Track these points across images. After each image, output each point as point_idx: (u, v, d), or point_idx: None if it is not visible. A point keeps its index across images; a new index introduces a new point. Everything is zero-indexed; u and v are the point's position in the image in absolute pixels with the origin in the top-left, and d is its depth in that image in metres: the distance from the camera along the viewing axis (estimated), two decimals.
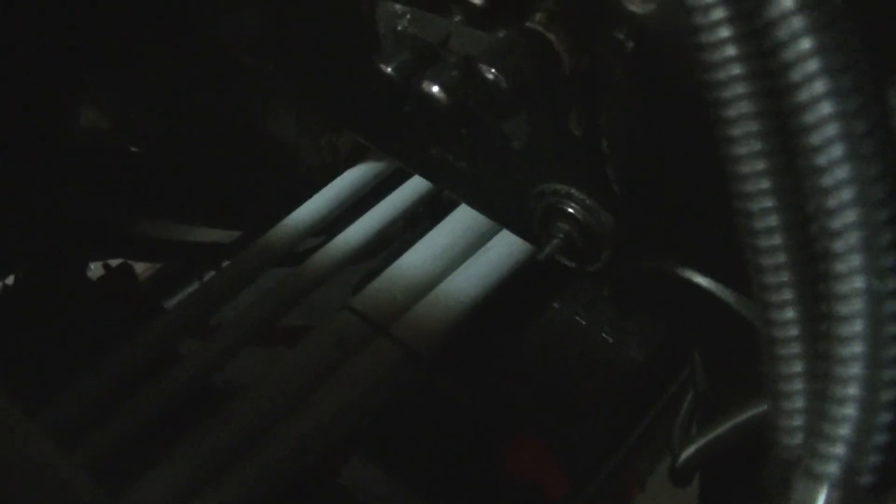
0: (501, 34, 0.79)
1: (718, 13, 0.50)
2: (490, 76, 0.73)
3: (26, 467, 0.83)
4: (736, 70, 0.51)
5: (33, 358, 1.82)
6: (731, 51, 0.50)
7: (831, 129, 0.48)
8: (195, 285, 2.55)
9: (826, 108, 0.48)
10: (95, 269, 2.19)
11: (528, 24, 0.74)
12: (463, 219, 1.76)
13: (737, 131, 0.52)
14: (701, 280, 0.85)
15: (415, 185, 1.95)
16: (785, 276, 0.55)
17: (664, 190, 0.81)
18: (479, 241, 1.74)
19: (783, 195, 0.53)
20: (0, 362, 1.77)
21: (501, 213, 1.10)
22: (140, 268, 2.34)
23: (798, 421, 0.58)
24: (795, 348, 0.57)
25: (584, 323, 1.75)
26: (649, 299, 0.99)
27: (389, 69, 0.90)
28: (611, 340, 1.73)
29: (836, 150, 0.49)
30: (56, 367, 1.80)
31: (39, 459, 0.86)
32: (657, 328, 1.70)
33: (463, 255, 1.73)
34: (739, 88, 0.51)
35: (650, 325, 1.71)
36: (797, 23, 0.47)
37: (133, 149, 2.01)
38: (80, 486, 0.87)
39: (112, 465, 1.57)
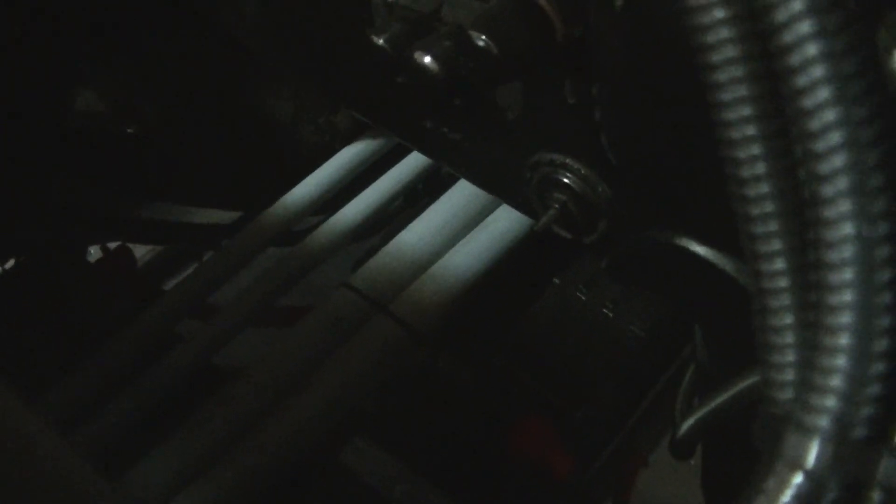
0: (493, 1, 0.78)
1: None
2: (481, 43, 0.72)
3: (25, 452, 0.83)
4: (719, 13, 0.50)
5: (33, 342, 1.81)
6: (719, 13, 0.49)
7: (817, 71, 0.47)
8: (195, 266, 2.55)
9: (812, 48, 0.47)
10: (94, 252, 2.18)
11: None
12: (461, 194, 1.75)
13: (722, 76, 0.51)
14: (698, 248, 0.84)
15: (413, 162, 1.94)
16: (773, 226, 0.54)
17: (657, 158, 0.80)
18: (478, 217, 1.73)
19: (770, 142, 0.52)
20: (0, 347, 1.77)
21: (498, 186, 1.09)
22: (140, 251, 2.33)
23: (789, 375, 0.57)
24: (785, 300, 0.56)
25: (584, 298, 1.74)
26: (647, 270, 0.98)
27: (382, 41, 0.89)
28: (612, 315, 1.72)
29: (823, 93, 0.47)
30: (56, 350, 1.79)
31: (39, 445, 0.85)
32: (658, 302, 1.69)
33: (462, 231, 1.72)
34: (723, 32, 0.50)
35: (651, 300, 1.71)
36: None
37: (130, 130, 2.00)
38: (81, 472, 0.86)
39: (113, 448, 1.57)
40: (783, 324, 0.56)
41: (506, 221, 1.70)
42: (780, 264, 0.55)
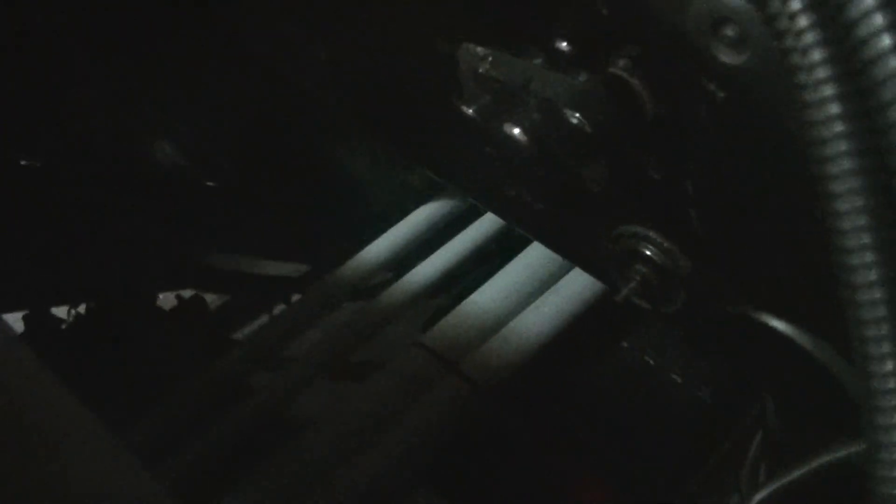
0: (583, 77, 0.80)
1: (823, 72, 0.50)
2: (574, 121, 0.74)
3: (112, 487, 0.85)
4: (839, 128, 0.51)
5: (104, 388, 1.83)
6: (834, 109, 0.50)
7: None
8: (263, 318, 2.58)
9: None
10: (167, 300, 2.21)
11: (611, 69, 0.75)
12: (535, 256, 1.76)
13: (839, 187, 0.52)
14: (778, 324, 0.84)
15: (488, 223, 1.95)
16: (885, 329, 0.55)
17: (747, 235, 0.81)
18: (550, 279, 1.74)
19: (884, 250, 0.53)
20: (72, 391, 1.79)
21: (577, 254, 1.10)
22: (209, 298, 2.36)
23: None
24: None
25: (652, 363, 1.74)
26: (724, 341, 0.99)
27: (471, 111, 0.91)
28: (679, 381, 1.72)
29: None
30: (127, 397, 1.81)
31: (126, 481, 0.87)
32: (726, 369, 1.69)
33: (535, 292, 1.73)
34: (842, 146, 0.51)
35: (719, 366, 1.70)
36: None
37: (208, 183, 2.04)
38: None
39: (183, 498, 1.58)
40: (894, 422, 0.57)
41: (579, 284, 1.70)
42: (891, 365, 0.56)
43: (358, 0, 1.11)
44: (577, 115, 0.73)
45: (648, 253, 0.90)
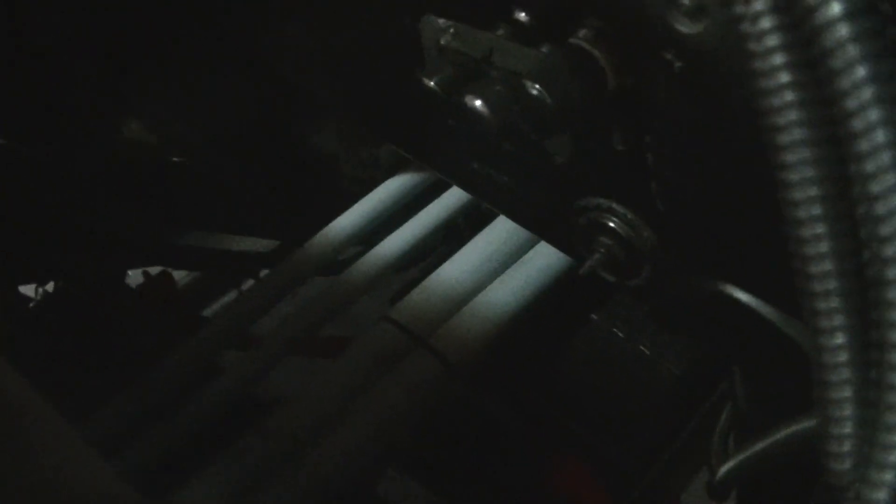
0: (545, 49, 0.79)
1: (773, 40, 0.49)
2: (535, 92, 0.73)
3: (66, 475, 0.84)
4: (790, 96, 0.50)
5: (73, 367, 1.82)
6: (784, 77, 0.50)
7: (886, 158, 0.48)
8: (233, 293, 2.57)
9: (880, 136, 0.47)
10: (134, 276, 2.20)
11: (572, 40, 0.74)
12: (502, 229, 1.76)
13: (790, 157, 0.52)
14: (743, 297, 0.84)
15: (455, 196, 1.94)
16: (836, 302, 0.55)
17: (708, 207, 0.81)
18: (518, 252, 1.73)
19: (836, 221, 0.53)
20: (40, 372, 1.78)
21: (543, 227, 1.10)
22: (177, 275, 2.35)
23: (848, 447, 0.58)
24: (846, 374, 0.57)
25: (622, 335, 1.75)
26: (690, 315, 0.99)
27: (433, 83, 0.90)
28: (649, 353, 1.72)
29: (890, 178, 0.48)
30: (96, 376, 1.81)
31: (80, 468, 0.86)
32: (696, 341, 1.69)
33: (502, 266, 1.72)
34: (793, 114, 0.51)
35: (689, 339, 1.71)
36: (852, 51, 0.47)
37: (175, 159, 2.02)
38: (125, 497, 0.87)
39: (151, 478, 1.58)
40: (842, 397, 0.57)
41: (546, 257, 1.70)
42: (840, 339, 0.56)
43: None
44: (538, 86, 0.73)
45: (612, 225, 0.90)
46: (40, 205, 1.83)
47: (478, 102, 0.79)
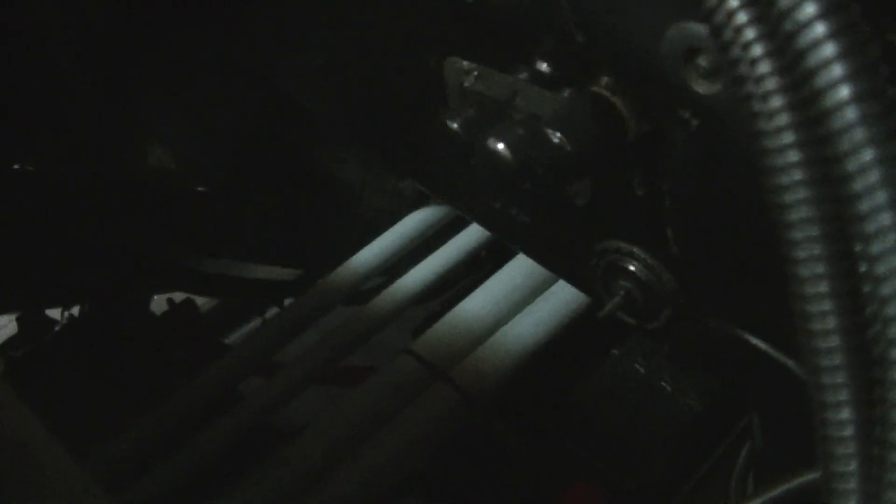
0: (567, 93, 0.80)
1: (783, 119, 0.50)
2: (556, 140, 0.74)
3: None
4: (798, 175, 0.51)
5: (96, 390, 1.84)
6: (793, 156, 0.50)
7: (886, 219, 0.48)
8: (256, 321, 2.58)
9: (881, 196, 0.48)
10: (159, 302, 2.21)
11: (594, 87, 0.75)
12: (524, 264, 1.76)
13: (798, 234, 0.52)
14: (759, 343, 0.85)
15: (477, 230, 1.95)
16: (838, 360, 0.55)
17: (723, 255, 0.81)
18: (539, 287, 1.74)
19: (839, 281, 0.53)
20: (63, 395, 1.79)
21: (562, 267, 1.10)
22: (199, 301, 2.36)
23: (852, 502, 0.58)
24: (849, 438, 0.56)
25: (643, 371, 1.75)
26: (708, 357, 0.99)
27: (455, 125, 0.91)
28: (669, 389, 1.72)
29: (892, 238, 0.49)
30: (118, 401, 1.82)
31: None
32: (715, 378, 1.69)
33: (524, 301, 1.73)
34: (801, 193, 0.51)
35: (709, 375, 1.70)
36: (859, 134, 0.47)
37: (200, 188, 2.04)
38: None
39: (173, 503, 1.59)
40: (846, 452, 0.57)
41: (567, 293, 1.70)
42: (844, 395, 0.56)
43: (351, 10, 1.11)
44: (559, 134, 0.73)
45: (632, 269, 0.90)
46: (66, 229, 1.84)
47: (500, 145, 0.80)
